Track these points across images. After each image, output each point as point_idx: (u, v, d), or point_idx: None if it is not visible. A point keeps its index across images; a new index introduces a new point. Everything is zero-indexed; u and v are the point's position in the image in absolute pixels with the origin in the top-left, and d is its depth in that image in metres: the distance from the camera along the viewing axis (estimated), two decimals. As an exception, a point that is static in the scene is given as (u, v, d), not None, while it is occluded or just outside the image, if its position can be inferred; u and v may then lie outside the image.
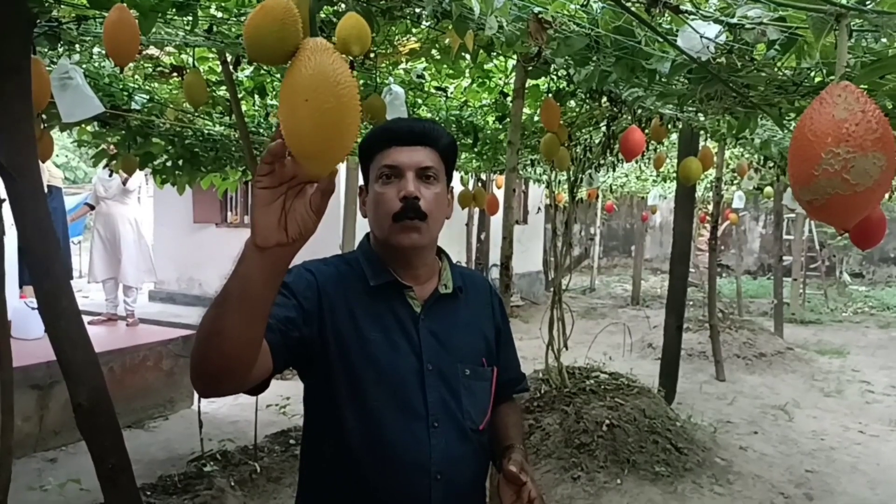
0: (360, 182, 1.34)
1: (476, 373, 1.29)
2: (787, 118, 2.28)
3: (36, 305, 1.76)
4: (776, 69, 1.61)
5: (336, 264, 1.30)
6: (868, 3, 1.07)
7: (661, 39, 1.48)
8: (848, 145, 0.84)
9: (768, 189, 8.03)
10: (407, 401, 1.20)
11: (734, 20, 1.31)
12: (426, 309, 1.27)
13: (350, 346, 1.19)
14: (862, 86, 1.71)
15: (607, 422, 4.17)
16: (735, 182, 8.64)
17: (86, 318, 4.77)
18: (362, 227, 1.43)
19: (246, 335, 0.91)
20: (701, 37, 1.33)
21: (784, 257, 10.02)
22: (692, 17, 1.34)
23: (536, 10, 1.62)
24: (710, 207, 7.16)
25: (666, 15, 1.33)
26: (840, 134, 0.85)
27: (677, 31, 1.43)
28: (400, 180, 1.21)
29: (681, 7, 1.29)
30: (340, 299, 1.22)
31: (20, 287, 5.32)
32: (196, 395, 4.15)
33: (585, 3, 1.62)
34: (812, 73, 1.64)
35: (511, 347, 1.47)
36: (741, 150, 6.09)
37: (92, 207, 6.71)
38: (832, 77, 0.91)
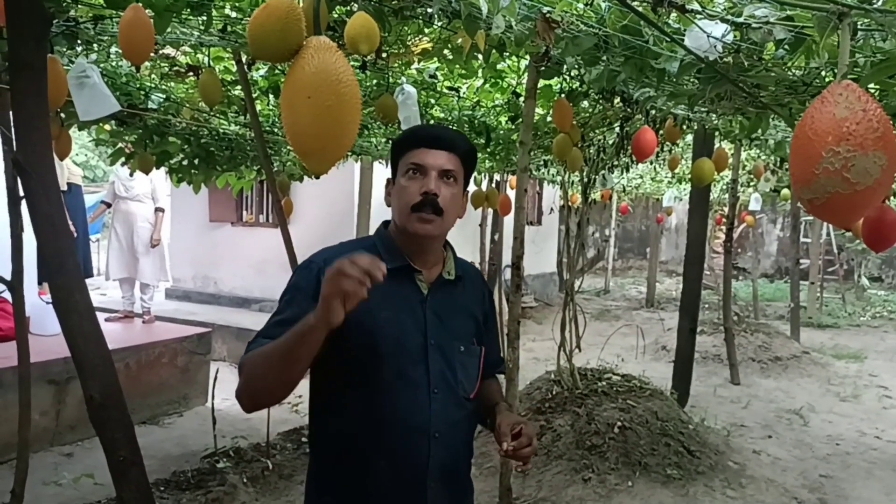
0: (388, 175, 1.52)
1: (469, 350, 1.49)
2: (798, 118, 2.26)
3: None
4: (785, 69, 1.60)
5: (351, 251, 1.39)
6: (875, 2, 1.07)
7: (668, 39, 1.48)
8: (849, 144, 0.84)
9: (785, 191, 7.94)
10: (412, 372, 1.38)
11: (741, 19, 1.31)
12: (432, 292, 1.45)
13: (360, 325, 1.32)
14: (872, 85, 1.70)
15: (619, 424, 4.15)
16: (752, 184, 8.56)
17: (103, 315, 4.84)
18: (374, 222, 1.54)
19: (306, 368, 1.24)
20: (708, 36, 1.33)
21: (801, 260, 9.91)
22: (699, 16, 1.33)
23: (544, 9, 1.62)
24: (727, 209, 7.09)
25: (673, 14, 1.33)
26: (841, 133, 0.84)
27: (685, 30, 1.43)
28: (424, 178, 1.38)
29: (687, 6, 1.29)
30: None
31: (39, 284, 5.39)
32: (210, 392, 4.18)
33: (591, 1, 1.62)
34: (822, 73, 1.63)
35: (494, 332, 1.68)
36: (757, 151, 6.03)
37: (108, 205, 6.77)
38: (841, 76, 0.91)
